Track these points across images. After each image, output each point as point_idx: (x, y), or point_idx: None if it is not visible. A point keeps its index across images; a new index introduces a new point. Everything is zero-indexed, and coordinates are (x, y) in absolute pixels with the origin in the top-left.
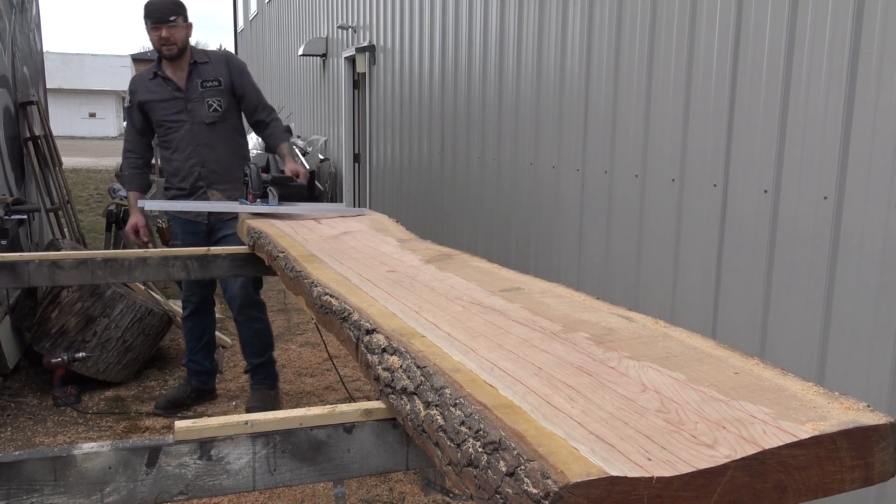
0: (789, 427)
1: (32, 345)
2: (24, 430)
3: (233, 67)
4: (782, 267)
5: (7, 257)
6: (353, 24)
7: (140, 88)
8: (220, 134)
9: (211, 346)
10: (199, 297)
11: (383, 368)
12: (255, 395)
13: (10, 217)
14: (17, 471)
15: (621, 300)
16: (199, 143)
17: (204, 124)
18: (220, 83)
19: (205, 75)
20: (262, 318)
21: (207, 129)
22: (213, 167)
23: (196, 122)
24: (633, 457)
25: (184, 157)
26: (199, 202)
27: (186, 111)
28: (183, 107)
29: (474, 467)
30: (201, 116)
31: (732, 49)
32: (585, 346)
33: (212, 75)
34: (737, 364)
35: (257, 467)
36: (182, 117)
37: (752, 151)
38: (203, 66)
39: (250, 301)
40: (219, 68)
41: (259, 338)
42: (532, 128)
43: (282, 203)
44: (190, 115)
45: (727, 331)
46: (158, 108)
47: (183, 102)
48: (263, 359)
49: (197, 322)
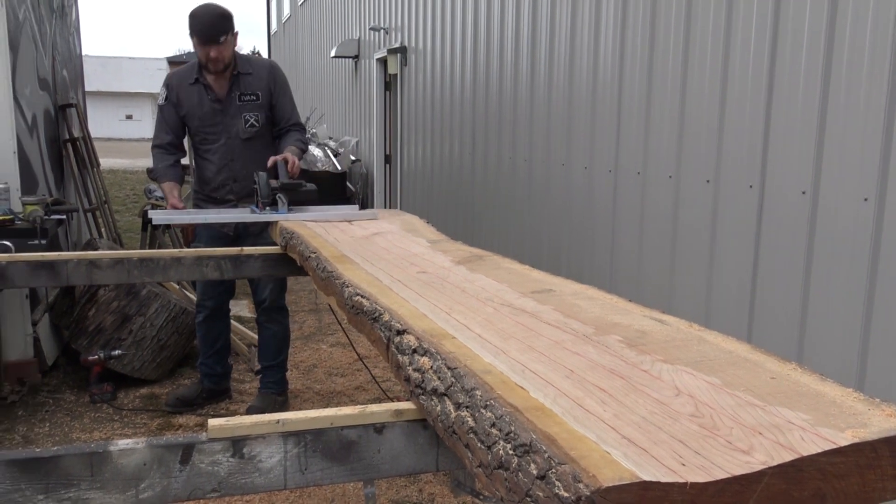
0: (828, 434)
1: (70, 342)
2: (62, 426)
3: (275, 82)
4: (821, 270)
5: (47, 256)
6: (384, 26)
7: (179, 91)
8: (254, 149)
9: (224, 352)
10: (214, 301)
11: (414, 369)
12: (260, 397)
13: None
14: (56, 465)
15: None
16: (233, 157)
17: (239, 139)
18: (258, 97)
19: (244, 88)
20: (284, 322)
21: (242, 144)
22: (245, 182)
23: (232, 137)
24: (667, 462)
25: (216, 170)
26: (207, 212)
27: (223, 124)
28: (220, 119)
29: (505, 470)
30: (237, 131)
31: (770, 47)
32: (618, 348)
33: (251, 89)
34: (773, 369)
35: (288, 466)
36: (218, 130)
37: (789, 152)
38: (245, 77)
39: (276, 305)
40: (260, 81)
41: (276, 340)
42: (564, 128)
43: (292, 209)
44: (226, 129)
45: (764, 335)
46: (195, 119)
47: (220, 115)
48: (277, 361)
49: (211, 327)
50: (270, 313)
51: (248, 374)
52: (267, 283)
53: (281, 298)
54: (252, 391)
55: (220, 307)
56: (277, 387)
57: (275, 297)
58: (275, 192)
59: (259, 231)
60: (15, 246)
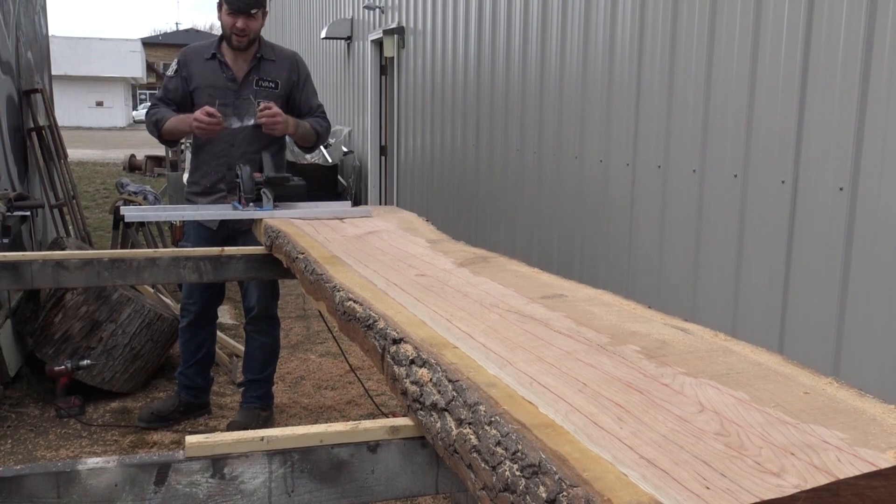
0: (867, 455)
1: (34, 351)
2: (26, 443)
3: (299, 74)
4: (860, 274)
5: (9, 257)
6: (380, 4)
7: (192, 65)
8: (259, 141)
9: (207, 362)
10: (199, 306)
11: (411, 382)
12: (242, 412)
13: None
14: (19, 486)
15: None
16: (234, 143)
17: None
18: (276, 86)
19: (264, 73)
20: (274, 333)
21: (249, 131)
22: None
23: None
24: (689, 485)
25: (213, 154)
26: (184, 209)
27: (234, 106)
28: (231, 101)
29: (511, 493)
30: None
31: (804, 31)
32: (636, 360)
33: (271, 76)
34: (807, 383)
35: (273, 488)
36: (228, 112)
37: (826, 145)
38: (267, 63)
39: (266, 314)
40: (281, 70)
41: (264, 352)
42: (577, 118)
43: (278, 206)
44: (236, 111)
45: (797, 345)
46: (205, 95)
47: (233, 96)
48: (263, 375)
49: (195, 334)
50: (260, 323)
51: (229, 387)
52: (257, 289)
53: (272, 306)
54: (234, 405)
55: (206, 312)
56: (261, 402)
57: (265, 304)
58: (259, 187)
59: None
60: None
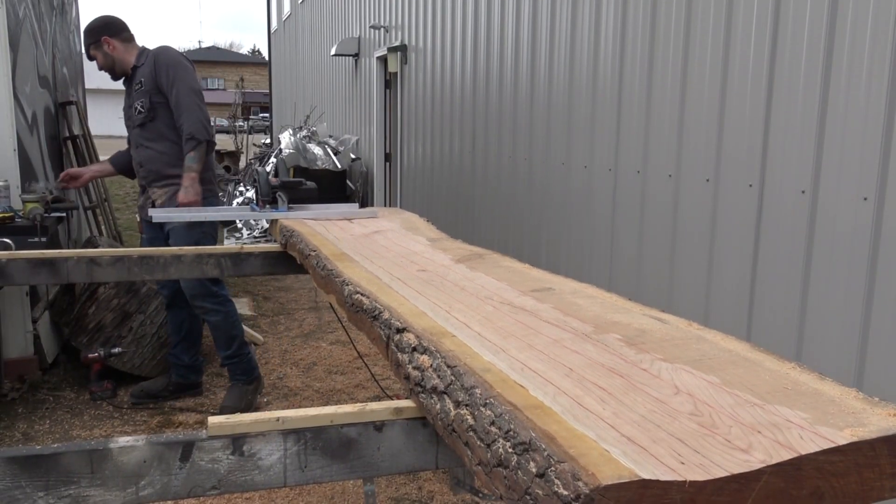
0: (827, 433)
1: (70, 340)
2: (62, 423)
3: (157, 65)
4: (820, 269)
5: (47, 254)
6: (385, 24)
7: None
8: (149, 135)
9: (192, 341)
10: (168, 289)
11: (413, 367)
12: (229, 392)
13: (50, 215)
14: (56, 463)
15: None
16: (137, 144)
17: (137, 126)
18: (142, 84)
19: (137, 77)
20: (219, 310)
21: (139, 130)
22: (149, 167)
23: (133, 125)
24: (666, 460)
25: (133, 158)
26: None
27: (128, 114)
28: (128, 111)
29: (504, 468)
30: (133, 119)
31: (770, 45)
32: (617, 347)
33: (140, 77)
34: (772, 368)
35: (288, 464)
36: (129, 119)
37: (789, 151)
38: (139, 69)
39: (201, 293)
40: (146, 68)
41: (218, 330)
42: (564, 127)
43: (292, 207)
44: (129, 117)
45: (762, 334)
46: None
47: (128, 108)
48: (230, 351)
49: (175, 314)
50: (198, 303)
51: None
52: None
53: (209, 284)
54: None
55: (178, 293)
56: (245, 375)
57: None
58: (275, 190)
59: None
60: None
